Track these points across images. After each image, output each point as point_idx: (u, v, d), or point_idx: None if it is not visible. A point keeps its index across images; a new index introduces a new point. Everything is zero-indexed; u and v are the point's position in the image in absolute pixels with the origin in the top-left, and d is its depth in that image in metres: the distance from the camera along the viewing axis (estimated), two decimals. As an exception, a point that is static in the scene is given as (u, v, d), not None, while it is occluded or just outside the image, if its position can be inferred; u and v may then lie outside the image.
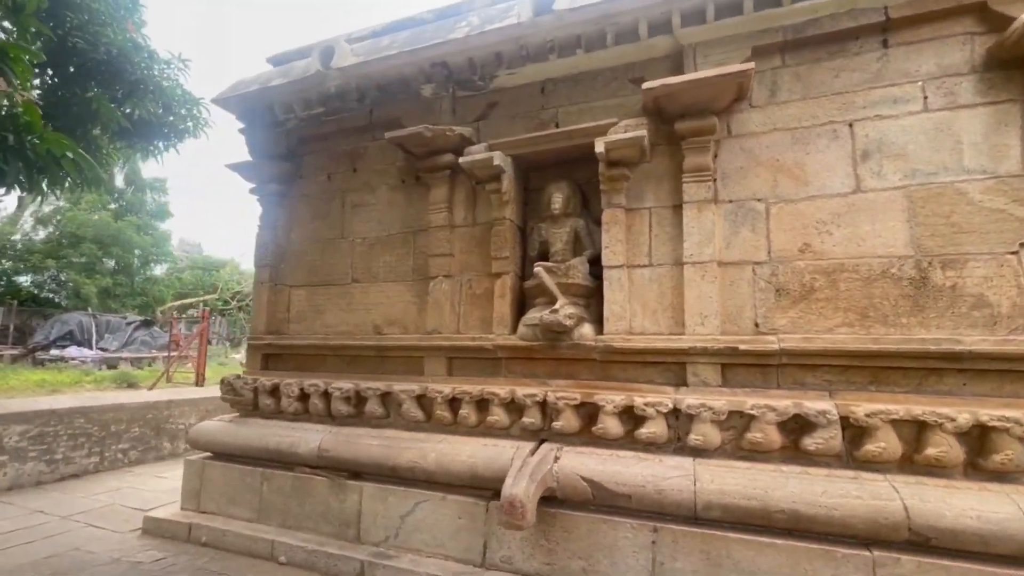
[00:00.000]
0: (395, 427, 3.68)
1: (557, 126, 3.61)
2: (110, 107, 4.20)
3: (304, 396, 3.95)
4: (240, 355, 15.33)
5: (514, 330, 3.46)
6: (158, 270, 22.74)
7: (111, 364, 12.98)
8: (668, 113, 3.15)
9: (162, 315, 19.46)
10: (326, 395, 3.86)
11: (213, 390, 7.46)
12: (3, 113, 2.75)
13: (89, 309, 16.66)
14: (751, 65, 2.85)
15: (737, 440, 2.81)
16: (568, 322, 3.15)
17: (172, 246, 23.49)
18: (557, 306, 3.20)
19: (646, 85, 3.05)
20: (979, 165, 2.67)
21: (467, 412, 3.39)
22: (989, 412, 2.40)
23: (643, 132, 3.08)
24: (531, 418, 3.22)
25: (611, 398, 3.01)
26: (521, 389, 3.27)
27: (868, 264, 2.77)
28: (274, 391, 4.07)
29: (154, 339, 15.50)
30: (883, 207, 2.78)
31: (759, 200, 3.04)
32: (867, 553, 2.37)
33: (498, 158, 3.41)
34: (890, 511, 2.35)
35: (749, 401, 2.76)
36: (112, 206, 20.30)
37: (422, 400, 3.57)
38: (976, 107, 2.71)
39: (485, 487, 3.13)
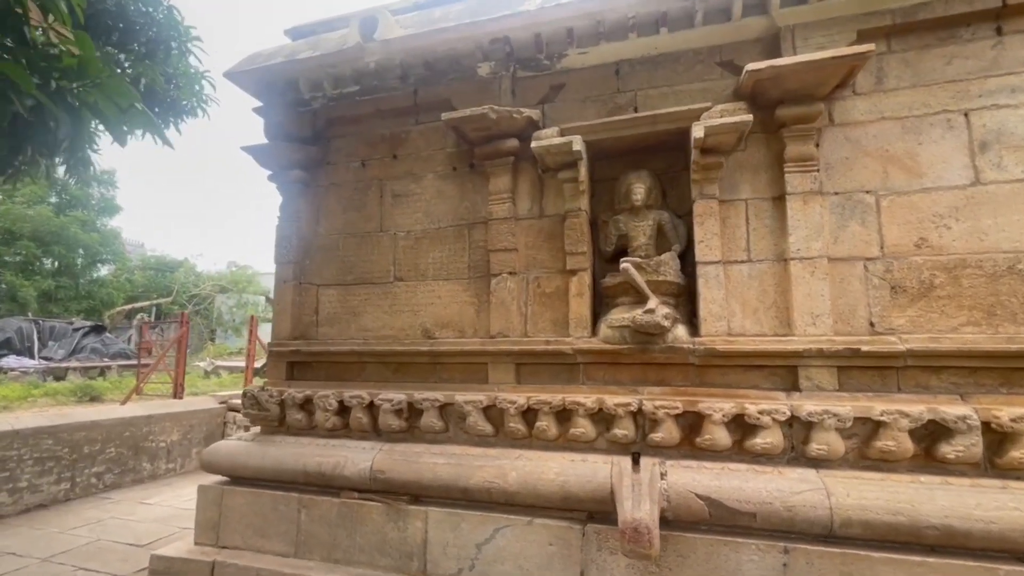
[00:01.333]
0: (455, 442, 3.29)
1: (636, 110, 3.33)
2: (153, 70, 3.49)
3: (343, 409, 3.49)
4: (205, 362, 14.22)
5: (593, 332, 3.15)
6: (104, 271, 20.92)
7: (58, 375, 11.69)
8: (767, 98, 2.93)
9: (110, 320, 17.91)
10: (370, 408, 3.42)
11: (196, 402, 6.76)
12: (44, 50, 2.15)
13: (29, 314, 15.03)
14: (871, 47, 2.66)
15: (861, 449, 2.61)
16: (666, 323, 2.87)
17: (123, 244, 21.70)
18: (652, 306, 2.91)
19: (752, 66, 2.82)
20: (1103, 157, 2.58)
21: (545, 424, 3.05)
22: None
23: (748, 117, 2.83)
24: (623, 430, 2.91)
25: (719, 406, 2.75)
26: (611, 398, 2.95)
27: (992, 259, 2.63)
28: (306, 404, 3.58)
29: (106, 346, 14.15)
30: (1006, 200, 2.65)
31: (868, 192, 2.86)
32: (1028, 569, 2.20)
33: (577, 143, 3.10)
34: (1052, 523, 2.19)
35: (878, 407, 2.55)
36: (53, 199, 18.51)
37: (489, 411, 3.20)
38: (1096, 98, 2.62)
39: (578, 508, 2.80)
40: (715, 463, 2.75)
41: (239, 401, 6.77)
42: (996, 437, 2.43)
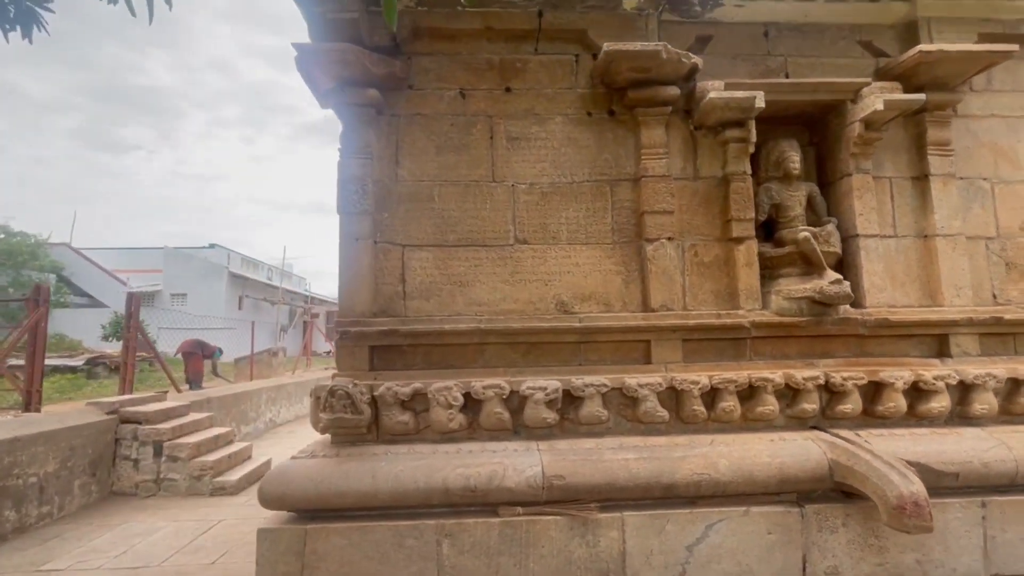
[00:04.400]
0: (614, 433, 2.82)
1: (787, 76, 3.22)
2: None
3: (467, 404, 2.72)
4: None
5: (763, 304, 2.98)
6: None
7: None
8: (913, 82, 3.09)
9: None
10: (507, 400, 2.73)
11: (71, 415, 4.78)
12: None
13: None
14: (1015, 47, 2.97)
15: (1006, 406, 2.93)
16: (852, 294, 2.84)
17: None
18: (835, 276, 2.86)
19: (924, 47, 2.93)
20: None
21: (731, 404, 2.79)
22: None
23: (922, 97, 2.95)
24: (810, 404, 2.81)
25: (899, 374, 2.83)
26: (798, 372, 2.83)
27: (1073, 243, 3.19)
28: (412, 401, 2.70)
29: None
30: (1079, 195, 3.23)
31: (985, 179, 3.23)
32: None
33: (760, 99, 2.87)
34: None
35: (1020, 367, 2.90)
36: None
37: (661, 395, 2.80)
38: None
39: (791, 491, 2.62)
40: (894, 429, 2.83)
41: (138, 410, 4.97)
42: (1095, 387, 2.95)
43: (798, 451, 2.64)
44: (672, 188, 3.02)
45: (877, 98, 2.90)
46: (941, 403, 2.82)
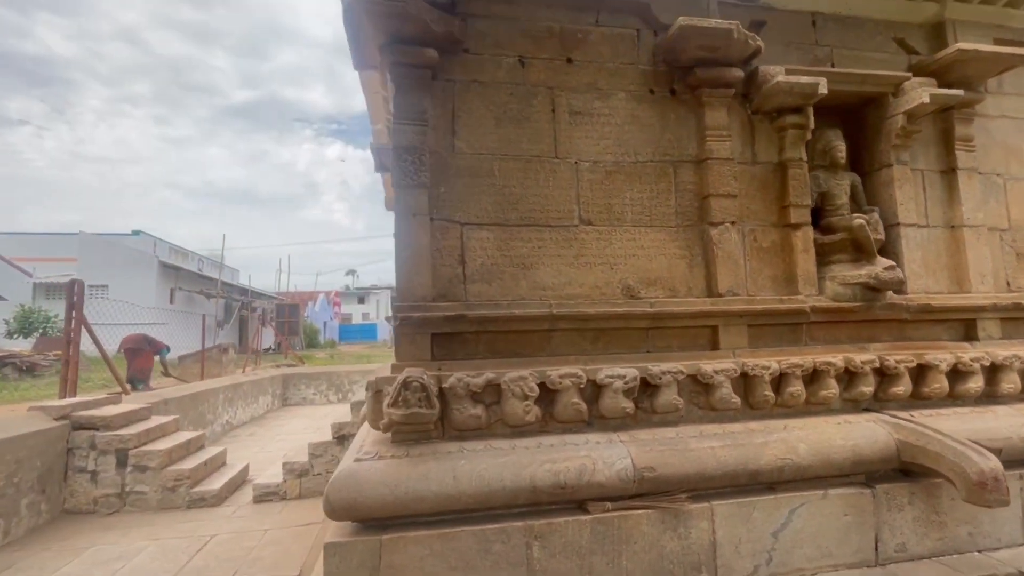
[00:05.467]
0: (687, 421, 2.73)
1: (832, 65, 3.28)
2: None
3: (541, 394, 2.53)
4: None
5: (820, 290, 3.02)
6: None
7: None
8: (945, 79, 3.24)
9: None
10: (582, 389, 2.57)
11: (15, 421, 4.09)
12: None
13: None
14: (1036, 51, 3.19)
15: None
16: (902, 279, 2.94)
17: None
18: (888, 263, 2.94)
19: (963, 46, 3.08)
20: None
21: (797, 389, 2.79)
22: None
23: (961, 92, 3.09)
24: (867, 387, 2.88)
25: (942, 356, 2.96)
26: (857, 356, 2.88)
27: (1069, 236, 3.50)
28: (483, 393, 2.46)
29: None
30: (1071, 192, 3.55)
31: (999, 175, 3.46)
32: None
33: (823, 86, 2.89)
34: None
35: (1038, 349, 3.13)
36: None
37: (734, 381, 2.75)
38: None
39: (861, 472, 2.65)
40: (938, 409, 2.96)
41: (94, 414, 4.32)
42: (1092, 367, 3.25)
43: (868, 433, 2.68)
44: (735, 171, 2.98)
45: (922, 91, 3.01)
46: (977, 383, 2.99)
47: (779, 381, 2.80)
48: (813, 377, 2.84)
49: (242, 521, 4.03)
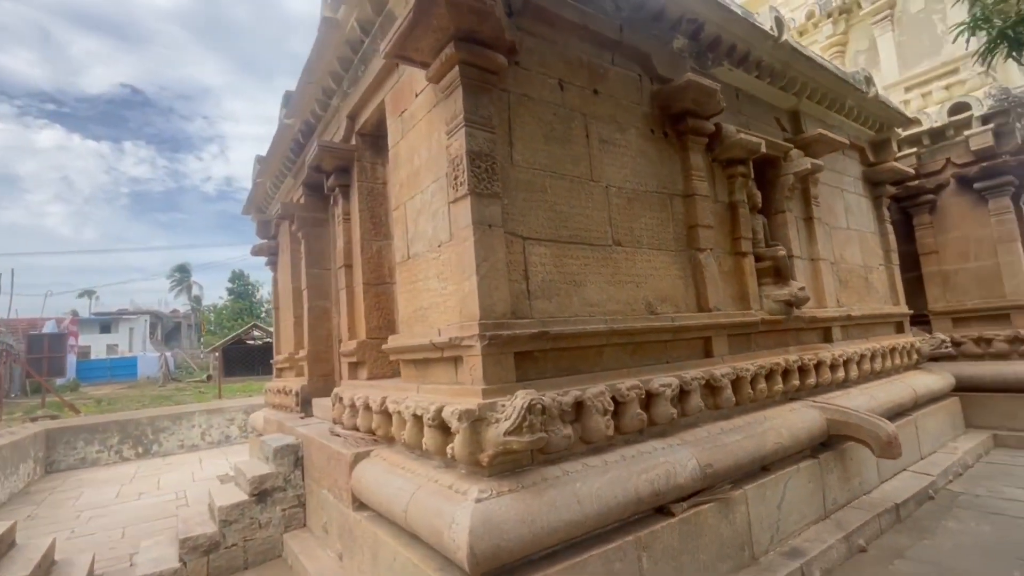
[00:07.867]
0: (704, 420, 3.12)
1: (749, 130, 4.19)
2: None
3: (615, 409, 2.61)
4: None
5: (760, 305, 3.80)
6: None
7: None
8: (808, 152, 4.50)
9: None
10: (641, 400, 2.73)
11: None
12: None
13: None
14: (845, 140, 4.65)
15: (862, 372, 4.48)
16: (808, 296, 3.92)
17: None
18: (800, 284, 3.90)
19: (822, 131, 4.32)
20: None
21: (763, 386, 3.45)
22: None
23: (821, 162, 4.31)
24: (795, 380, 3.73)
25: (827, 354, 4.04)
26: (789, 357, 3.72)
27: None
28: (572, 412, 2.42)
29: None
30: (857, 239, 5.21)
31: (827, 224, 4.88)
32: None
33: (764, 145, 3.72)
34: None
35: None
36: None
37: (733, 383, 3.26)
38: None
39: (806, 447, 3.41)
40: (828, 393, 4.00)
41: None
42: (880, 357, 4.81)
43: (811, 415, 3.47)
44: (711, 207, 3.57)
45: (803, 160, 4.13)
46: (841, 373, 4.14)
47: (753, 380, 3.42)
48: (768, 375, 3.55)
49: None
